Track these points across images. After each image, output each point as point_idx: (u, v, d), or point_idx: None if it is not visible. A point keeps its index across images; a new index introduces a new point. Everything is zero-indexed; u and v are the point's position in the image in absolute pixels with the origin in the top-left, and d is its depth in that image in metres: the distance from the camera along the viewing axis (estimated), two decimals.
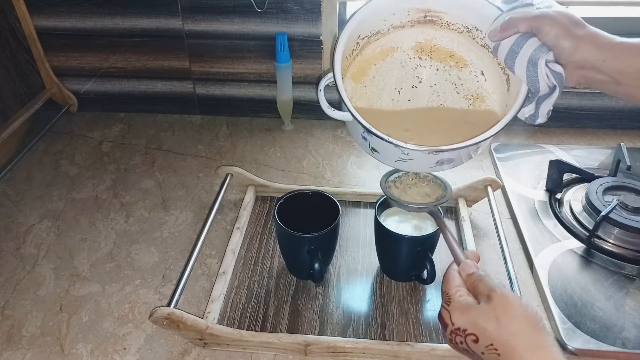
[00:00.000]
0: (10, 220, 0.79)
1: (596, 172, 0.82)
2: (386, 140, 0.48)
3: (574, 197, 0.80)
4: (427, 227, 0.66)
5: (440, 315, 0.44)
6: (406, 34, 0.56)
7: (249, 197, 0.79)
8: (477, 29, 0.53)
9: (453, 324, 0.41)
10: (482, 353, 0.40)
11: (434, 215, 0.55)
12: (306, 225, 0.63)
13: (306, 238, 0.62)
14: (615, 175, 0.82)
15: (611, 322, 0.61)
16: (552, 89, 0.48)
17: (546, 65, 0.46)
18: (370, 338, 0.60)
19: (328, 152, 0.95)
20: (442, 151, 0.48)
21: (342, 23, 0.97)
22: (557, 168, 0.81)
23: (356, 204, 0.80)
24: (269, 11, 0.92)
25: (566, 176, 0.82)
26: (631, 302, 0.63)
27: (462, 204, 0.77)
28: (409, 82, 0.57)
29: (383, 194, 0.59)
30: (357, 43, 0.55)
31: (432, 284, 0.64)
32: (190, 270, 0.63)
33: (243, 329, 0.60)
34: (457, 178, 0.86)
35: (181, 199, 0.84)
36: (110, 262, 0.72)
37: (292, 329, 0.61)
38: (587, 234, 0.72)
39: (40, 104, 1.00)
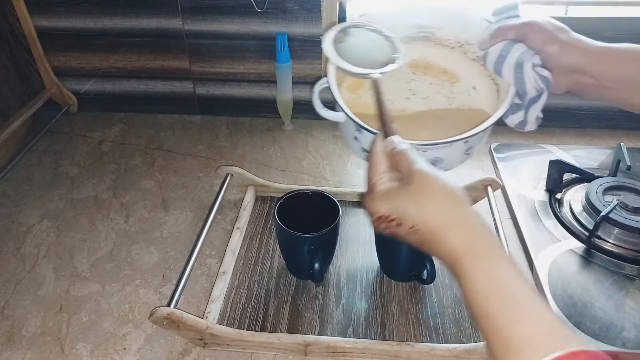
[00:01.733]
0: (10, 220, 0.79)
1: (596, 172, 0.82)
2: (374, 133, 0.48)
3: (574, 197, 0.80)
4: None
5: (364, 203, 0.44)
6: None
7: (249, 197, 0.79)
8: (469, 43, 0.55)
9: (377, 212, 0.42)
10: (407, 234, 0.40)
11: (375, 83, 0.50)
12: (306, 225, 0.63)
13: (306, 238, 0.62)
14: (615, 175, 0.82)
15: (611, 322, 0.61)
16: (540, 93, 0.49)
17: (533, 69, 0.48)
18: (370, 338, 0.60)
19: (328, 152, 0.95)
20: (427, 145, 0.48)
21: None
22: (557, 168, 0.81)
23: (356, 204, 0.80)
24: (269, 11, 0.92)
25: (566, 176, 0.82)
26: (631, 302, 0.63)
27: None
28: (403, 94, 0.58)
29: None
30: None
31: (431, 284, 0.64)
32: (190, 270, 0.63)
33: (243, 329, 0.60)
34: (457, 178, 0.86)
35: (181, 199, 0.84)
36: (110, 262, 0.72)
37: (292, 329, 0.61)
38: (587, 234, 0.72)
39: (40, 104, 1.00)
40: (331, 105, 0.54)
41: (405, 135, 0.46)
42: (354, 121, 0.50)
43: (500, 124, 0.51)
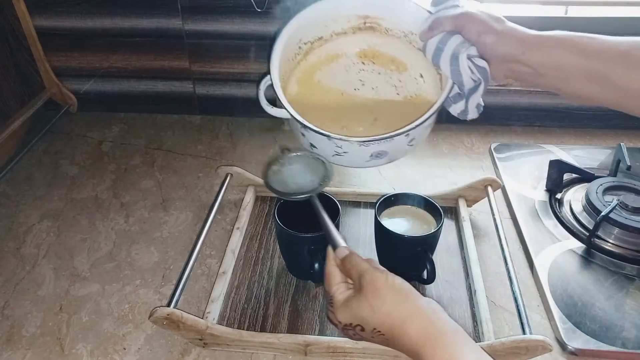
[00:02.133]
0: (10, 220, 0.79)
1: (596, 172, 0.82)
2: (317, 132, 0.49)
3: (574, 197, 0.80)
4: (427, 227, 0.66)
5: (328, 317, 0.46)
6: (349, 41, 0.59)
7: (249, 197, 0.79)
8: (413, 33, 0.55)
9: (340, 322, 0.45)
10: (372, 337, 0.43)
11: (312, 201, 0.54)
12: (306, 225, 0.62)
13: (306, 238, 0.62)
14: (615, 175, 0.82)
15: (611, 322, 0.61)
16: (478, 83, 0.50)
17: (470, 60, 0.49)
18: None
19: None
20: (369, 141, 0.49)
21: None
22: (557, 168, 0.81)
23: (356, 204, 0.80)
24: (269, 11, 0.92)
25: (566, 176, 0.82)
26: (631, 302, 0.63)
27: (462, 204, 0.77)
28: (352, 85, 0.59)
29: (381, 195, 0.58)
30: (300, 47, 0.58)
31: (432, 284, 0.64)
32: (190, 270, 0.63)
33: (243, 329, 0.60)
34: (457, 178, 0.86)
35: (181, 199, 0.84)
36: (110, 262, 0.72)
37: (292, 329, 0.61)
38: (587, 234, 0.72)
39: (40, 104, 1.00)
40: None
41: (353, 126, 0.47)
42: (296, 119, 0.51)
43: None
